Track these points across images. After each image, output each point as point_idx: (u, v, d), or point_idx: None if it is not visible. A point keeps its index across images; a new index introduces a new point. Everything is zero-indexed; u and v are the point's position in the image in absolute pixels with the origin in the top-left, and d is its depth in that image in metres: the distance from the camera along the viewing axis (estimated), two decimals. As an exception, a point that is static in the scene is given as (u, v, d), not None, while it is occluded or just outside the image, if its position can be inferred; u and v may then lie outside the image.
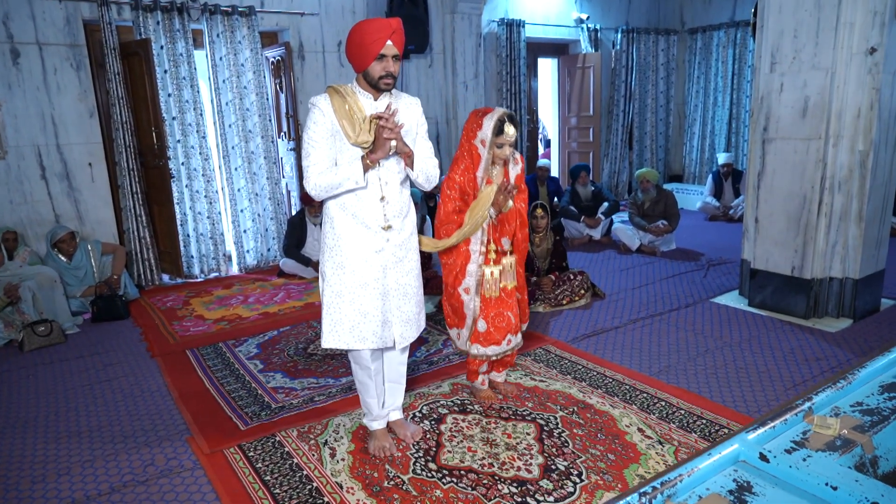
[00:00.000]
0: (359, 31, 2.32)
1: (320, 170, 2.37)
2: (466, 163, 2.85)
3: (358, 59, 2.35)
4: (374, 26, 2.30)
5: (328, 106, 2.37)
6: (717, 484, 1.34)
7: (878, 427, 1.52)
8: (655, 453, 2.57)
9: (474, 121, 2.82)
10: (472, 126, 2.82)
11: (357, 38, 2.33)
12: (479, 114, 2.83)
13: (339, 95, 2.37)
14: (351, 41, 2.36)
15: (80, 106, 5.13)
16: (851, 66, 3.69)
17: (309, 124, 2.40)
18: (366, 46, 2.30)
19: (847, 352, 3.55)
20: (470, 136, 2.82)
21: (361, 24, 2.34)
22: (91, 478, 2.58)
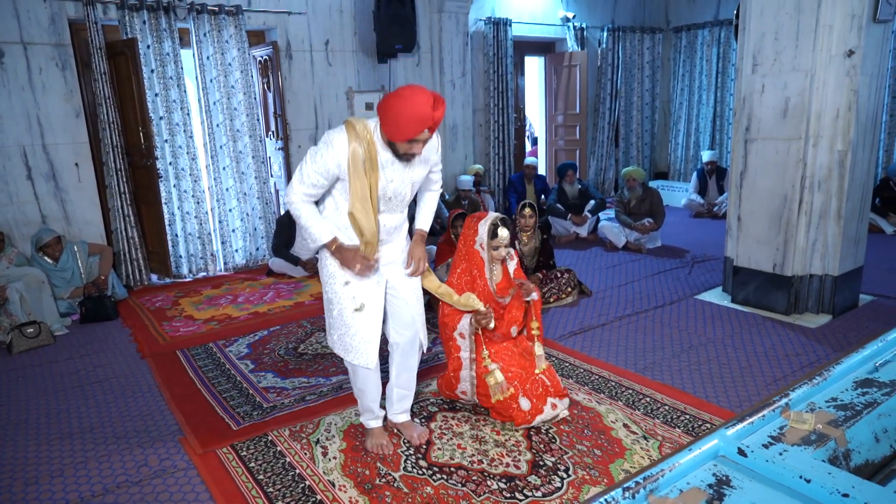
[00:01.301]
0: (400, 107, 2.16)
1: (304, 199, 2.36)
2: (463, 266, 2.99)
3: (389, 129, 2.23)
4: (416, 114, 2.14)
5: (344, 151, 2.27)
6: (698, 478, 1.39)
7: (851, 421, 1.58)
8: (640, 448, 2.64)
9: (471, 226, 2.97)
10: (469, 232, 2.97)
11: (394, 113, 2.18)
12: (474, 219, 2.98)
13: (357, 142, 2.27)
14: (388, 109, 2.19)
15: (66, 106, 5.11)
16: (830, 68, 3.77)
17: (318, 155, 2.30)
18: (401, 127, 2.19)
19: (826, 347, 3.65)
20: (469, 242, 2.97)
21: (405, 101, 2.15)
22: (84, 479, 2.60)
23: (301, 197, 2.36)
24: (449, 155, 7.47)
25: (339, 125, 2.34)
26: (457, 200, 6.74)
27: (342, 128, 2.32)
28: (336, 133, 2.30)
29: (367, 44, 6.64)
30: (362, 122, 2.32)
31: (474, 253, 2.96)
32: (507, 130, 7.99)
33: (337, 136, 2.29)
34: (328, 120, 6.56)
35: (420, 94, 2.16)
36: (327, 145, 2.28)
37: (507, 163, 8.08)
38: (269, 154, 6.53)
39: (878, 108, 3.98)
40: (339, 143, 2.28)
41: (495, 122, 7.86)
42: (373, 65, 6.76)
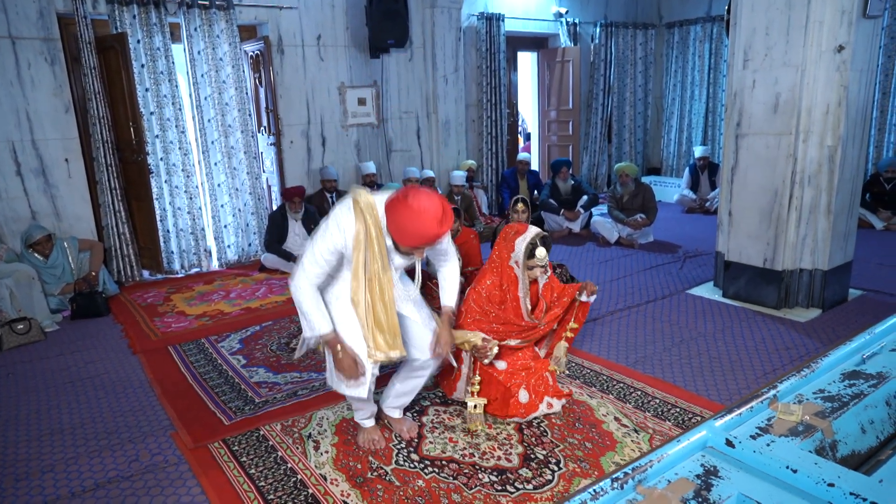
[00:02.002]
0: (406, 219, 2.13)
1: (313, 279, 2.32)
2: (494, 280, 2.91)
3: (393, 232, 2.22)
4: (421, 231, 2.13)
5: (350, 236, 2.26)
6: (686, 469, 1.40)
7: (838, 413, 1.60)
8: (631, 441, 2.65)
9: (507, 239, 2.84)
10: (505, 245, 2.87)
11: (400, 222, 2.14)
12: (511, 232, 2.85)
13: (365, 230, 2.25)
14: (395, 215, 2.15)
15: (55, 101, 5.07)
16: (821, 64, 3.79)
17: (326, 236, 2.28)
18: (405, 238, 2.19)
19: (816, 341, 3.67)
20: (503, 256, 2.89)
21: (413, 215, 2.11)
22: (75, 474, 2.59)
23: (309, 278, 2.31)
24: (441, 150, 7.47)
25: (348, 200, 2.29)
26: (449, 196, 6.74)
27: (350, 206, 2.27)
28: (344, 212, 2.27)
29: (360, 39, 6.62)
30: (369, 203, 2.26)
31: (508, 269, 2.88)
32: (500, 126, 7.99)
33: (345, 215, 2.26)
34: (320, 115, 6.54)
35: (428, 211, 2.11)
36: (336, 225, 2.27)
37: (500, 158, 8.08)
38: (262, 149, 6.51)
39: (868, 103, 4.01)
40: (347, 222, 2.26)
41: (488, 117, 7.86)
42: (365, 60, 6.74)
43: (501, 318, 2.91)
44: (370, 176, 6.56)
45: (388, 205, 2.19)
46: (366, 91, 6.82)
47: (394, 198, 2.18)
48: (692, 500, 1.29)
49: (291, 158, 6.45)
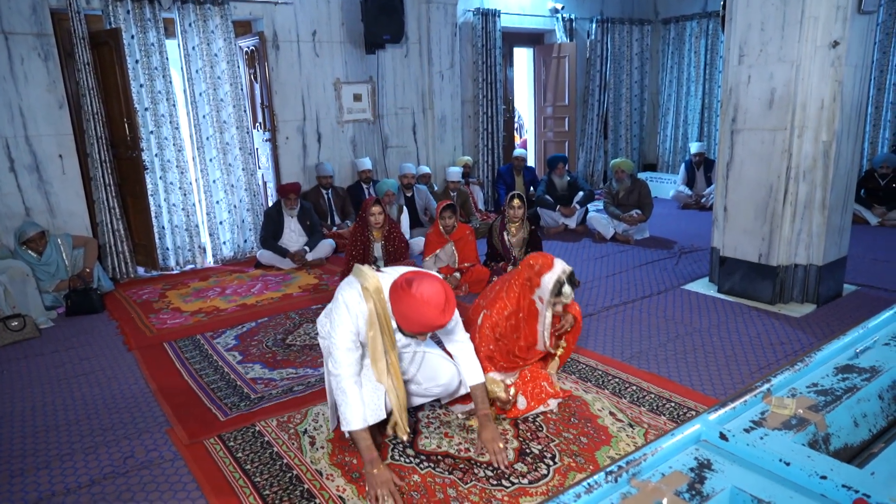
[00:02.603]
0: (409, 307, 2.13)
1: (350, 371, 2.30)
2: (511, 309, 2.85)
3: (397, 317, 2.22)
4: (423, 320, 2.13)
5: (363, 319, 2.27)
6: (680, 462, 1.41)
7: (831, 406, 1.61)
8: (626, 436, 2.66)
9: (532, 271, 2.76)
10: (529, 275, 2.77)
11: (403, 308, 2.15)
12: (536, 265, 2.75)
13: (373, 311, 2.25)
14: (398, 302, 2.16)
15: (49, 97, 5.04)
16: (815, 59, 3.79)
17: (341, 325, 2.28)
18: (407, 324, 2.19)
19: (810, 336, 3.69)
20: (525, 288, 2.81)
21: (416, 304, 2.11)
22: (70, 471, 2.59)
23: (347, 369, 2.29)
24: (438, 147, 7.46)
25: (356, 286, 2.30)
26: (445, 192, 6.73)
27: (359, 292, 2.28)
28: (354, 297, 2.28)
29: (355, 34, 6.60)
30: (377, 287, 2.26)
31: (530, 302, 2.81)
32: (496, 122, 7.99)
33: (354, 300, 2.27)
34: (316, 111, 6.52)
35: (431, 301, 2.11)
36: (347, 309, 2.27)
37: (497, 154, 8.08)
38: (257, 145, 6.49)
39: (863, 99, 4.01)
40: (358, 306, 2.27)
41: (484, 113, 7.85)
42: (361, 56, 6.72)
43: (514, 349, 2.90)
44: (366, 172, 6.56)
45: (391, 291, 2.20)
46: (361, 87, 6.81)
47: (397, 284, 2.17)
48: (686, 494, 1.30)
49: (287, 155, 6.44)
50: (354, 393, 2.29)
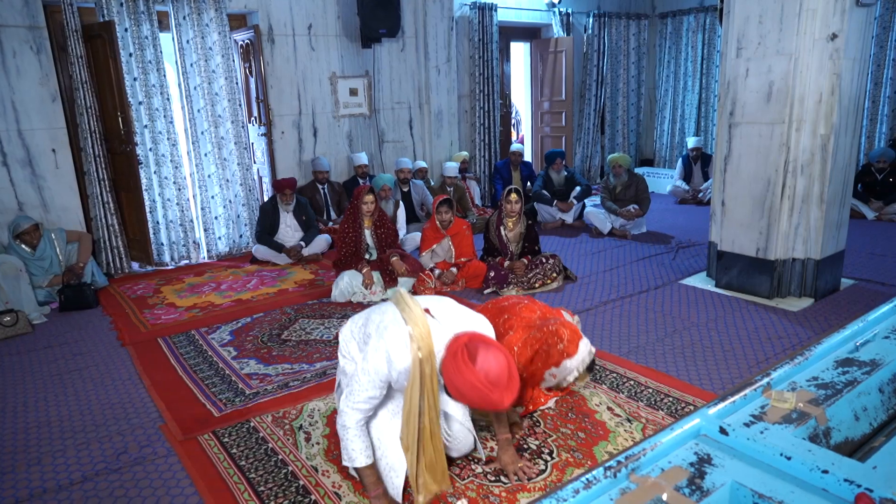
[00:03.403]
0: (471, 387, 1.86)
1: (361, 419, 2.10)
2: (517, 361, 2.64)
3: (452, 390, 1.93)
4: (487, 402, 1.88)
5: (404, 375, 2.04)
6: (679, 457, 1.39)
7: (831, 400, 1.59)
8: (624, 430, 2.64)
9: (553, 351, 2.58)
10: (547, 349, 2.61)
11: (461, 386, 1.88)
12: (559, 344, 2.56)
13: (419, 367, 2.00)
14: (458, 377, 1.87)
15: (41, 90, 4.99)
16: (814, 52, 3.77)
17: (373, 368, 2.04)
18: (466, 401, 1.95)
19: (808, 330, 3.68)
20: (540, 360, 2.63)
21: (480, 384, 1.84)
22: (63, 467, 2.56)
23: (359, 417, 2.10)
24: (434, 141, 7.43)
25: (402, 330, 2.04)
26: (442, 187, 6.70)
27: (406, 341, 2.02)
28: (399, 346, 2.02)
29: (351, 28, 6.56)
30: (424, 336, 2.01)
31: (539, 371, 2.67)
32: (493, 117, 7.95)
33: (400, 350, 2.02)
34: (311, 106, 6.48)
35: (499, 383, 1.86)
36: (387, 357, 2.03)
37: (493, 149, 8.04)
38: (252, 140, 6.45)
39: (861, 92, 4.00)
40: (401, 358, 2.02)
41: (481, 108, 7.82)
42: (357, 50, 6.68)
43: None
44: (362, 167, 6.52)
45: (449, 357, 1.91)
46: (357, 81, 6.76)
47: (456, 351, 1.89)
48: (685, 489, 1.27)
49: (283, 149, 6.39)
50: (361, 435, 2.12)
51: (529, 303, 2.79)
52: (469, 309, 2.30)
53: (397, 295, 2.18)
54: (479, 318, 2.24)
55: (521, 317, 2.67)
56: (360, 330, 2.32)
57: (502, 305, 2.83)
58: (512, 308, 2.78)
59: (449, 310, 2.19)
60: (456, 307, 2.24)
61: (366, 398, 2.08)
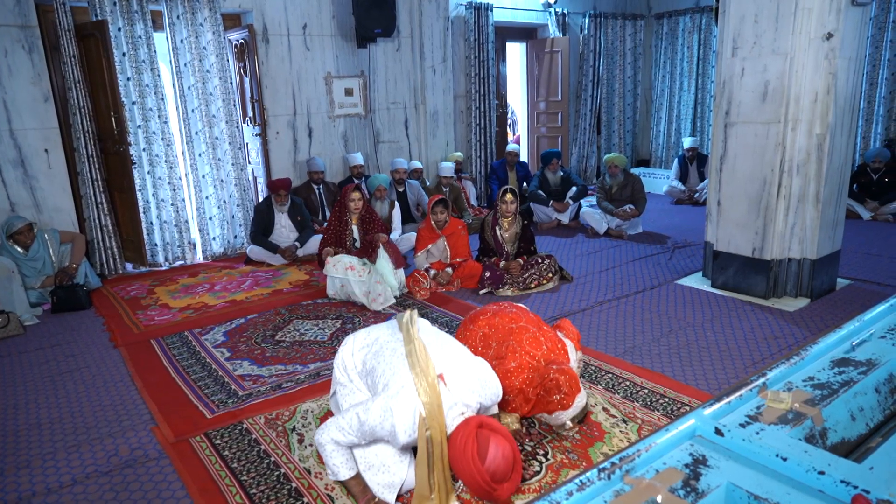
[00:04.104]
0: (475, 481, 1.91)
1: (342, 439, 2.09)
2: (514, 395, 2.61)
3: (456, 472, 1.98)
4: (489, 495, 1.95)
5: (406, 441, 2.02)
6: (674, 458, 1.37)
7: (827, 400, 1.57)
8: (619, 431, 2.62)
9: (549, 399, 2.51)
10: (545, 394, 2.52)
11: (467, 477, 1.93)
12: (557, 393, 2.49)
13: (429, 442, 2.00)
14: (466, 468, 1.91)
15: (34, 90, 4.95)
16: (809, 52, 3.76)
17: (367, 426, 2.03)
18: (469, 488, 1.96)
19: (804, 330, 3.67)
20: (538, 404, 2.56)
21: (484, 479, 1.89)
22: (52, 470, 2.53)
23: (339, 443, 2.11)
24: (430, 142, 7.41)
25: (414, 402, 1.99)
26: (438, 187, 6.69)
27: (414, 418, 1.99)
28: (403, 402, 1.99)
29: (346, 28, 6.53)
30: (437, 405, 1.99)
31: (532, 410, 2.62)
32: (489, 117, 7.94)
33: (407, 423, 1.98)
34: (306, 106, 6.45)
35: (504, 481, 1.93)
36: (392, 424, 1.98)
37: (489, 150, 8.03)
38: (247, 140, 6.42)
39: (857, 91, 3.99)
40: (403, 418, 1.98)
41: (477, 108, 7.80)
42: (352, 49, 6.66)
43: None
44: (357, 167, 6.50)
45: (459, 445, 1.92)
46: (353, 81, 6.74)
47: (467, 438, 1.91)
48: (681, 490, 1.26)
49: (277, 149, 6.37)
50: (339, 449, 2.12)
51: (536, 331, 2.68)
52: (477, 360, 2.24)
53: (412, 348, 2.10)
54: (488, 375, 2.19)
55: (524, 350, 2.59)
56: (364, 359, 2.27)
57: (510, 328, 2.71)
58: (519, 334, 2.67)
59: (461, 371, 2.12)
60: (466, 361, 2.18)
61: (349, 440, 2.09)
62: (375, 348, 2.26)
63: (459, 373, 2.11)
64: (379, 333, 2.33)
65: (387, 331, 2.34)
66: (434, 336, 2.29)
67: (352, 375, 2.31)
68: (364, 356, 2.28)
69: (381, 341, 2.27)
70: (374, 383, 2.17)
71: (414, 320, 2.24)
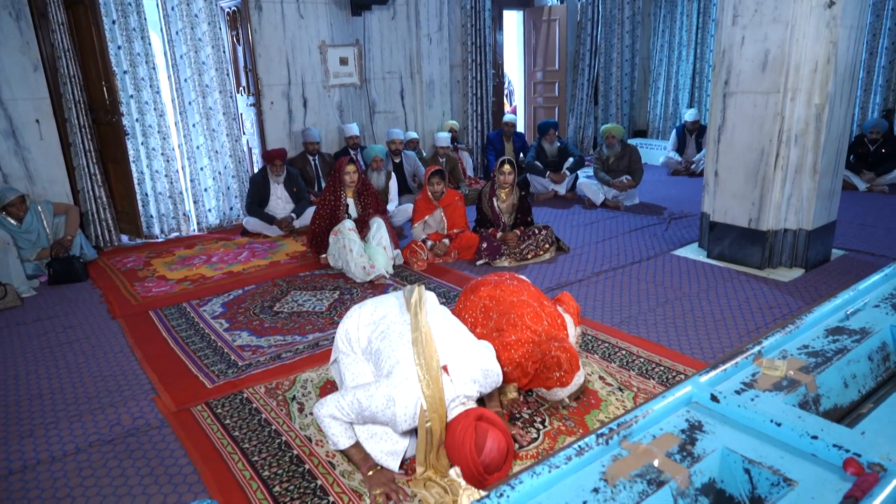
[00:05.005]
0: (469, 468, 1.95)
1: (340, 417, 2.11)
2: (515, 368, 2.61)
3: (451, 458, 2.03)
4: (481, 482, 1.97)
5: (405, 428, 2.05)
6: (671, 424, 1.40)
7: (821, 367, 1.60)
8: (616, 399, 2.67)
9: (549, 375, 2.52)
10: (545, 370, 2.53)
11: (462, 464, 1.97)
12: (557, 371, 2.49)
13: (428, 432, 2.04)
14: (462, 457, 1.94)
15: (22, 59, 4.86)
16: (810, 20, 3.72)
17: (367, 410, 2.04)
18: (464, 473, 1.99)
19: (798, 300, 3.70)
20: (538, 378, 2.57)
21: (478, 469, 1.93)
22: (56, 439, 2.56)
23: (337, 419, 2.13)
24: (426, 112, 7.34)
25: (416, 394, 2.01)
26: (434, 157, 6.64)
27: (415, 409, 2.01)
28: (408, 408, 2.00)
29: (341, -5, 6.42)
30: (439, 399, 2.01)
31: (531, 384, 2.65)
32: (486, 87, 7.85)
33: (407, 411, 2.01)
34: (301, 75, 6.36)
35: (497, 472, 1.97)
36: (393, 413, 2.01)
37: (486, 120, 7.96)
38: (241, 110, 6.35)
39: (857, 61, 3.96)
40: (404, 410, 2.00)
41: (473, 78, 7.71)
42: (346, 17, 6.54)
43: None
44: (353, 138, 6.44)
45: (458, 434, 1.96)
46: (348, 50, 6.64)
47: (467, 429, 1.95)
48: (677, 455, 1.28)
49: (272, 120, 6.30)
50: (340, 423, 2.15)
51: (538, 306, 2.69)
52: (479, 347, 2.25)
53: (418, 336, 2.09)
54: (490, 363, 2.20)
55: (525, 325, 2.60)
56: (370, 338, 2.27)
57: (511, 301, 2.70)
58: (521, 308, 2.67)
59: (464, 361, 2.13)
60: (468, 349, 2.19)
61: (347, 419, 2.12)
62: (382, 328, 2.25)
63: (463, 364, 2.13)
64: (387, 311, 2.32)
65: (395, 309, 2.32)
66: (441, 320, 2.27)
67: (355, 348, 2.33)
68: (370, 334, 2.28)
69: (388, 321, 2.26)
70: (379, 364, 2.19)
71: (422, 303, 2.23)
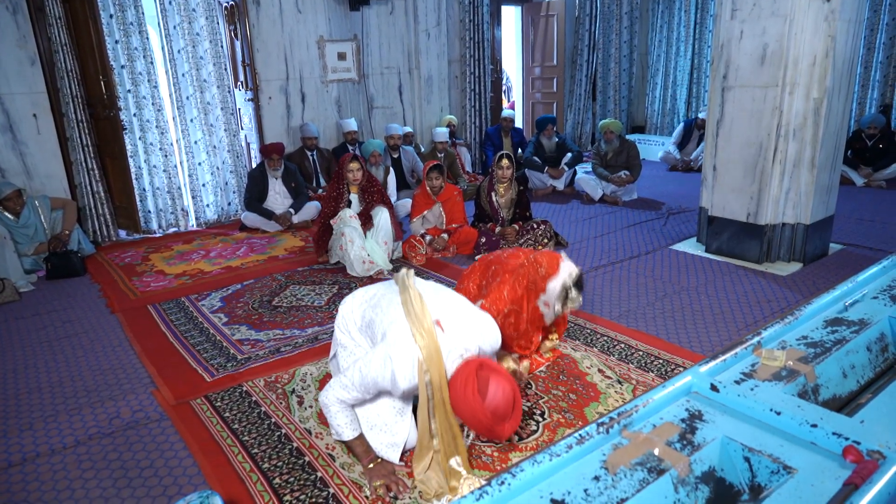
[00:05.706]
0: (476, 418, 1.89)
1: (345, 404, 2.12)
2: (510, 308, 2.69)
3: (455, 410, 1.98)
4: (490, 432, 1.93)
5: (407, 389, 2.02)
6: (671, 413, 1.40)
7: (820, 358, 1.61)
8: (615, 392, 2.67)
9: (536, 279, 2.55)
10: (533, 283, 2.58)
11: (467, 415, 1.91)
12: (540, 270, 2.56)
13: (427, 385, 1.99)
14: (465, 405, 1.90)
15: (19, 53, 4.84)
16: (809, 13, 3.72)
17: (368, 378, 2.03)
18: (469, 424, 1.96)
19: (796, 294, 3.71)
20: (531, 295, 2.62)
21: (484, 416, 1.87)
22: (55, 432, 2.56)
23: (344, 402, 2.12)
24: (424, 107, 7.33)
25: (413, 352, 1.98)
26: (432, 152, 6.64)
27: (413, 363, 1.98)
28: (406, 367, 1.98)
29: (339, -11, 6.40)
30: (434, 348, 1.98)
31: (534, 308, 2.68)
32: (484, 82, 7.84)
33: (406, 370, 1.99)
34: (299, 70, 6.35)
35: (506, 418, 1.90)
36: (391, 373, 1.99)
37: (484, 115, 7.95)
38: (239, 105, 6.33)
39: (855, 55, 3.96)
40: (403, 365, 1.98)
41: (471, 73, 7.70)
42: (344, 12, 6.53)
43: (512, 345, 2.82)
44: (351, 133, 6.44)
45: (459, 385, 1.92)
46: (346, 45, 6.63)
47: (467, 378, 1.90)
48: (677, 444, 1.29)
49: (270, 115, 6.29)
50: (343, 409, 2.13)
51: (514, 251, 2.87)
52: (475, 309, 2.26)
53: (407, 297, 2.09)
54: (486, 322, 2.20)
55: (507, 264, 2.76)
56: (363, 313, 2.28)
57: (489, 259, 2.92)
58: (497, 259, 2.87)
59: (458, 317, 2.13)
60: (463, 308, 2.19)
61: (353, 397, 2.10)
62: (373, 302, 2.27)
63: (456, 318, 2.12)
64: (377, 290, 2.35)
65: (384, 287, 2.36)
66: (430, 287, 2.30)
67: (353, 333, 2.33)
68: (363, 310, 2.30)
69: (378, 295, 2.29)
70: (374, 334, 2.20)
71: (410, 274, 2.25)
